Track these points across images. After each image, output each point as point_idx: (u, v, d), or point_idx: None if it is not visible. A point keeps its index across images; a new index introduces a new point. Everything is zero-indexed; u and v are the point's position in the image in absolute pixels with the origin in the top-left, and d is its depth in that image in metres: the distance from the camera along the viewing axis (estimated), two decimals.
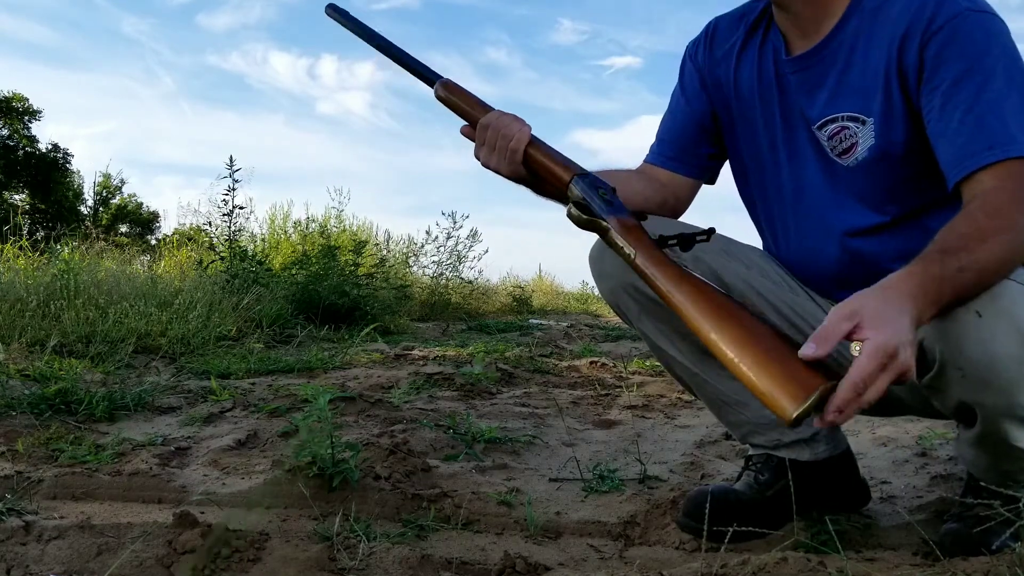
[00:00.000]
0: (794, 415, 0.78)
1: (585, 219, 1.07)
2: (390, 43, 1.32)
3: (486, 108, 1.20)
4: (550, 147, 1.15)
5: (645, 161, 1.39)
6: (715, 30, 1.34)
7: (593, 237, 1.29)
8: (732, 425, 1.33)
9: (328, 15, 1.38)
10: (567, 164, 1.12)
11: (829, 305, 1.24)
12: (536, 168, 1.15)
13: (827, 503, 1.28)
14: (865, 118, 1.12)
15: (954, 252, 0.89)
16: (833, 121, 1.16)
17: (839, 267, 1.21)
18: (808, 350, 0.81)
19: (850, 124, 1.14)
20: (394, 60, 1.31)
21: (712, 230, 1.07)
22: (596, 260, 1.30)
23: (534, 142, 1.15)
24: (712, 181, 1.40)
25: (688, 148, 1.35)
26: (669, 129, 1.37)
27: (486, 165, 1.19)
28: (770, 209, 1.30)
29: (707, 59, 1.33)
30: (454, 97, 1.23)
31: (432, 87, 1.26)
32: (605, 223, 1.03)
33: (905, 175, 1.13)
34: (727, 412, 1.30)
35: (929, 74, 1.05)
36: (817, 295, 1.26)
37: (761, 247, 1.36)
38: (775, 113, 1.24)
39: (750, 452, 1.34)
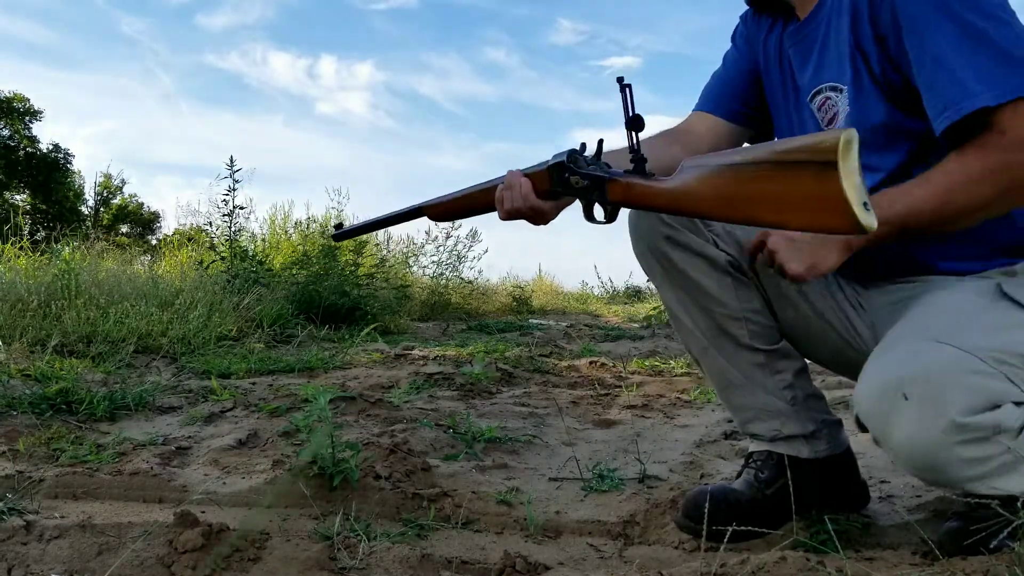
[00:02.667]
0: (844, 139, 0.82)
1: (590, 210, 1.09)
2: (385, 217, 1.38)
3: (474, 193, 1.21)
4: (537, 168, 1.13)
5: (692, 111, 1.41)
6: (748, 14, 1.38)
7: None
8: (735, 409, 1.31)
9: (337, 240, 1.53)
10: (537, 172, 1.12)
11: (846, 297, 1.24)
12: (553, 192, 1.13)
13: (826, 503, 1.28)
14: (841, 86, 1.15)
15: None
16: (819, 92, 1.19)
17: None
18: None
19: (832, 94, 1.17)
20: (394, 223, 1.39)
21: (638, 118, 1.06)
22: (634, 219, 1.30)
23: (531, 179, 1.13)
24: (752, 138, 1.40)
25: (733, 94, 1.36)
26: (719, 77, 1.40)
27: (544, 223, 1.19)
28: None
29: (751, 33, 1.36)
30: (443, 208, 1.26)
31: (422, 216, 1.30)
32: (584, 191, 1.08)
33: (884, 142, 1.14)
34: (732, 394, 1.30)
35: (895, 37, 1.05)
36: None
37: None
38: (788, 89, 1.28)
39: (751, 449, 1.34)
